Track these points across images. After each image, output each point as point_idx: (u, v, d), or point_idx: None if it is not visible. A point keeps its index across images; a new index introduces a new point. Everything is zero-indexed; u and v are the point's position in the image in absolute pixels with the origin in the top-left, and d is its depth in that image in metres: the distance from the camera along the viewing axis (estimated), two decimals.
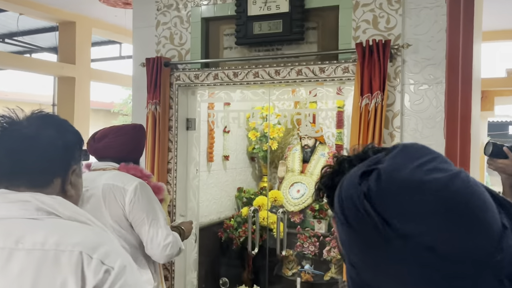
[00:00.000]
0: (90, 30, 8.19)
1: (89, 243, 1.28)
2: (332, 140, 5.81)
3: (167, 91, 4.17)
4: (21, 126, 1.39)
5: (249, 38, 3.92)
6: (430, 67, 3.48)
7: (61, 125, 1.47)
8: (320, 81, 3.74)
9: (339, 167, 1.18)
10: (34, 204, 1.33)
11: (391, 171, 0.88)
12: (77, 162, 1.49)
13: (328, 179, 1.19)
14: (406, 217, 0.82)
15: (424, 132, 3.50)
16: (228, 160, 5.64)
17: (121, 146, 2.67)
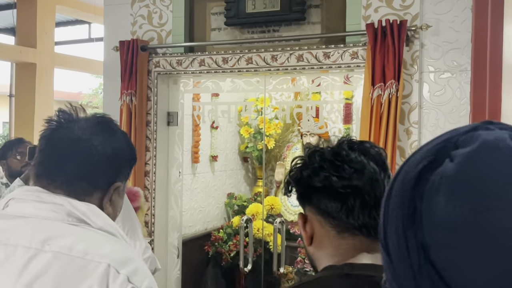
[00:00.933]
0: (54, 8, 8.17)
1: (118, 257, 1.35)
2: (339, 137, 5.83)
3: (144, 79, 4.16)
4: (76, 126, 1.47)
5: (241, 17, 3.92)
6: (453, 52, 3.49)
7: (118, 136, 1.53)
8: (325, 68, 3.74)
9: (309, 159, 1.27)
10: (66, 208, 1.40)
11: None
12: (123, 179, 1.55)
13: (297, 172, 1.28)
14: None
15: (446, 128, 3.48)
16: (217, 161, 5.64)
17: None
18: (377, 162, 1.28)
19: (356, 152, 1.27)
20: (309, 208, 1.28)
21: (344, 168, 1.24)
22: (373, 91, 3.46)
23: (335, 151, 1.27)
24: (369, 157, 1.27)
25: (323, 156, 1.26)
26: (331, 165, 1.24)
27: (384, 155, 1.32)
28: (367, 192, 1.23)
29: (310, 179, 1.25)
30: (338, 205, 1.23)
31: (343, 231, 1.25)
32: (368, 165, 1.25)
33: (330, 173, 1.23)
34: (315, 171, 1.25)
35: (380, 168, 1.27)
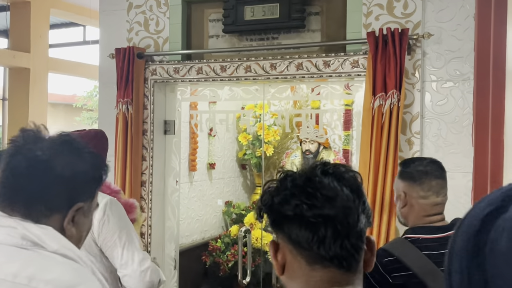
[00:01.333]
0: (48, 11, 8.16)
1: (64, 283, 1.32)
2: (339, 144, 5.82)
3: (141, 88, 4.14)
4: (38, 146, 1.44)
5: (240, 25, 3.90)
6: (455, 60, 3.48)
7: (82, 156, 1.49)
8: (325, 77, 3.73)
9: (281, 185, 1.23)
10: (20, 231, 1.37)
11: None
12: (87, 199, 1.51)
13: (268, 198, 1.24)
14: None
15: (448, 138, 3.50)
16: (214, 169, 5.62)
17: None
18: (352, 187, 1.23)
19: (329, 177, 1.22)
20: (281, 236, 1.23)
21: (316, 195, 1.19)
22: (374, 100, 3.44)
23: (307, 177, 1.23)
24: (343, 182, 1.23)
25: (295, 182, 1.22)
26: (302, 192, 1.20)
27: (360, 179, 1.27)
28: (339, 221, 1.18)
29: (281, 206, 1.21)
30: (309, 235, 1.18)
31: (314, 262, 1.20)
32: (341, 192, 1.21)
33: (301, 201, 1.19)
34: (286, 199, 1.21)
35: (354, 194, 1.22)
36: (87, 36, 10.41)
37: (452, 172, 3.50)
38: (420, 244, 2.21)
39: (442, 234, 2.24)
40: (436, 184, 2.31)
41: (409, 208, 2.32)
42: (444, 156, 3.49)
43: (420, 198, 2.29)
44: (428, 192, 2.28)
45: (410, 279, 2.16)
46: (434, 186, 2.30)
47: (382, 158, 3.42)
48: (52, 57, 8.70)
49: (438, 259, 2.16)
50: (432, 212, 2.30)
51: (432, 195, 2.29)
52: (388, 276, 2.19)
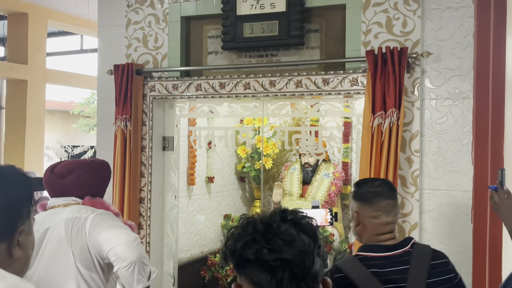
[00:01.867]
0: (46, 22, 8.19)
1: None
2: (338, 157, 5.85)
3: (139, 104, 4.17)
4: None
5: (239, 41, 3.93)
6: (455, 79, 3.52)
7: (6, 181, 1.52)
8: (324, 94, 3.77)
9: (243, 230, 1.35)
10: None
11: None
12: (25, 220, 1.54)
13: (232, 243, 1.35)
14: None
15: (448, 156, 3.53)
16: (213, 182, 5.65)
17: (88, 185, 2.77)
18: (308, 232, 1.34)
19: (288, 223, 1.34)
20: (243, 278, 1.34)
21: (275, 240, 1.30)
22: (373, 119, 3.47)
23: (267, 223, 1.34)
24: (300, 228, 1.34)
25: (256, 228, 1.33)
26: (262, 237, 1.31)
27: (315, 225, 1.38)
28: (296, 264, 1.29)
29: (243, 251, 1.31)
30: (268, 277, 1.29)
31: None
32: (298, 237, 1.32)
33: (261, 245, 1.30)
34: (247, 244, 1.32)
35: (310, 239, 1.33)
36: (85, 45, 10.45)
37: (452, 191, 3.54)
38: (367, 262, 2.31)
39: (389, 253, 2.34)
40: (386, 205, 2.42)
41: (362, 227, 2.44)
42: (443, 174, 3.53)
43: (371, 218, 2.40)
44: (379, 212, 2.40)
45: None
46: (384, 207, 2.41)
47: (382, 177, 3.44)
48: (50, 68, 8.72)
49: (383, 276, 2.28)
50: (383, 231, 2.40)
51: (383, 215, 2.40)
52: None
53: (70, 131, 16.75)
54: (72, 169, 2.75)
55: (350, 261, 2.38)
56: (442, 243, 3.46)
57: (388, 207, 2.43)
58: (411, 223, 3.53)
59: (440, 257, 2.42)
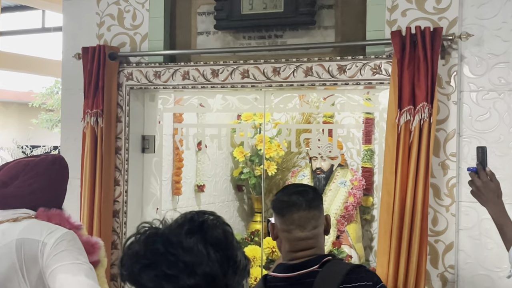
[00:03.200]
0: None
1: None
2: (358, 161, 5.86)
3: (113, 96, 4.19)
4: None
5: (235, 19, 3.95)
6: (500, 66, 3.53)
7: None
8: (339, 85, 3.77)
9: (140, 248, 1.39)
10: None
11: None
12: None
13: (128, 262, 1.40)
14: None
15: (491, 161, 3.48)
16: (204, 192, 5.66)
17: (35, 193, 2.69)
18: (220, 246, 1.39)
19: (195, 238, 1.37)
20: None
21: (178, 264, 1.34)
22: (400, 115, 3.48)
23: (168, 240, 1.37)
24: (210, 241, 1.38)
25: (154, 247, 1.37)
26: (163, 261, 1.35)
27: (230, 232, 1.45)
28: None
29: (140, 277, 1.37)
30: None
31: None
32: (207, 256, 1.36)
33: (161, 270, 1.34)
34: (144, 269, 1.36)
35: (222, 255, 1.38)
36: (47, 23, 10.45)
37: None
38: (269, 283, 2.47)
39: (290, 274, 2.44)
40: (299, 218, 2.50)
41: (279, 242, 2.55)
42: None
43: (284, 231, 2.50)
44: (291, 226, 2.48)
45: None
46: (297, 220, 2.49)
47: (410, 187, 3.46)
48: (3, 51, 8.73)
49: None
50: (297, 248, 2.49)
51: (295, 229, 2.48)
52: None
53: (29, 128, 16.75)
54: (17, 173, 2.68)
55: (259, 282, 2.55)
56: (484, 268, 3.48)
57: (301, 220, 2.49)
58: (446, 243, 3.55)
59: (355, 280, 2.44)
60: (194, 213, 1.45)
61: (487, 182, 2.79)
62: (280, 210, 2.52)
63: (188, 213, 1.44)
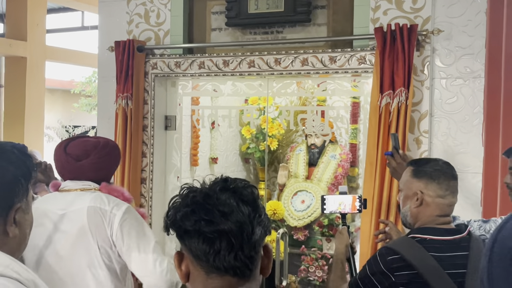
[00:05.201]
0: None
1: None
2: (346, 138, 5.84)
3: (141, 82, 4.18)
4: None
5: (243, 18, 3.93)
6: (466, 57, 3.51)
7: (2, 156, 1.54)
8: (331, 73, 3.76)
9: (182, 201, 1.39)
10: None
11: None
12: (22, 198, 1.56)
13: (172, 213, 1.40)
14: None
15: (458, 137, 3.53)
16: (217, 164, 5.66)
17: (105, 169, 2.79)
18: (248, 202, 1.39)
19: (227, 193, 1.38)
20: (183, 248, 1.40)
21: (213, 212, 1.35)
22: (381, 99, 3.47)
23: (206, 194, 1.38)
24: (240, 197, 1.38)
25: (195, 199, 1.38)
26: (201, 209, 1.36)
27: (256, 194, 1.43)
28: (234, 235, 1.35)
29: (182, 222, 1.36)
30: (206, 248, 1.35)
31: (211, 271, 1.37)
32: (237, 207, 1.37)
33: (200, 217, 1.35)
34: (186, 215, 1.36)
35: (250, 208, 1.38)
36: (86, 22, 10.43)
37: (462, 173, 3.53)
38: (427, 244, 2.27)
39: (449, 237, 2.31)
40: (453, 185, 2.39)
41: (423, 208, 2.37)
42: (453, 156, 3.52)
43: (438, 197, 2.35)
44: (446, 191, 2.36)
45: (414, 279, 2.24)
46: (451, 186, 2.38)
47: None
48: (50, 45, 8.73)
49: (444, 261, 2.23)
50: (446, 212, 2.37)
51: (449, 195, 2.37)
52: (390, 275, 2.25)
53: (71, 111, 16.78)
54: (88, 151, 2.74)
55: (407, 242, 2.33)
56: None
57: (454, 188, 2.40)
58: None
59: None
60: (228, 176, 1.46)
61: (401, 163, 2.86)
62: (437, 177, 2.37)
63: (223, 176, 1.45)
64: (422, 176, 2.38)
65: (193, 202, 1.37)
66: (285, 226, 5.45)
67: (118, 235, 2.62)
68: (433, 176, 2.37)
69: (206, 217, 1.34)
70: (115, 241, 2.63)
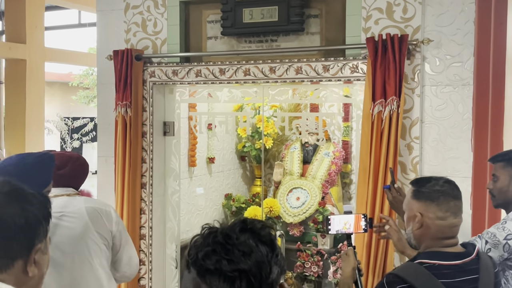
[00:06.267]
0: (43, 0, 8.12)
1: None
2: (338, 136, 5.86)
3: (139, 90, 4.17)
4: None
5: (238, 27, 3.92)
6: (455, 65, 3.52)
7: (25, 199, 1.56)
8: (324, 81, 3.77)
9: (204, 241, 1.42)
10: None
11: None
12: (42, 238, 1.58)
13: (194, 252, 1.42)
14: None
15: (447, 143, 3.55)
16: (214, 163, 5.67)
17: (79, 177, 3.04)
18: (266, 242, 1.42)
19: (246, 234, 1.42)
20: (204, 286, 1.41)
21: (234, 251, 1.38)
22: (373, 107, 3.49)
23: (226, 234, 1.41)
24: (259, 238, 1.42)
25: (216, 239, 1.40)
26: (222, 248, 1.39)
27: (273, 235, 1.47)
28: (253, 274, 1.37)
29: (204, 261, 1.39)
30: (227, 287, 1.37)
31: None
32: (256, 248, 1.40)
33: (221, 256, 1.38)
34: (208, 254, 1.39)
35: (268, 248, 1.41)
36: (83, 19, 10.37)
37: (451, 177, 3.48)
38: (436, 271, 2.14)
39: (458, 262, 2.19)
40: (454, 205, 2.24)
41: (424, 230, 2.24)
42: (443, 161, 3.55)
43: (438, 219, 2.21)
44: (447, 213, 2.21)
45: None
46: (452, 207, 2.23)
47: (382, 164, 3.47)
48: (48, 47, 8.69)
49: (451, 286, 2.12)
50: (449, 235, 2.23)
51: (450, 216, 2.21)
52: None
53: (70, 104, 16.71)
54: (66, 162, 2.96)
55: (414, 269, 2.19)
56: None
57: (456, 208, 2.24)
58: None
59: (496, 264, 2.35)
60: (246, 218, 1.49)
61: (396, 197, 2.90)
62: (436, 198, 2.22)
63: (239, 218, 1.49)
64: (421, 197, 2.26)
65: (214, 242, 1.40)
66: (281, 222, 5.49)
67: (116, 230, 2.94)
68: (432, 197, 2.23)
69: (227, 257, 1.37)
70: (114, 235, 2.95)
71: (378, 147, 3.50)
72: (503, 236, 2.73)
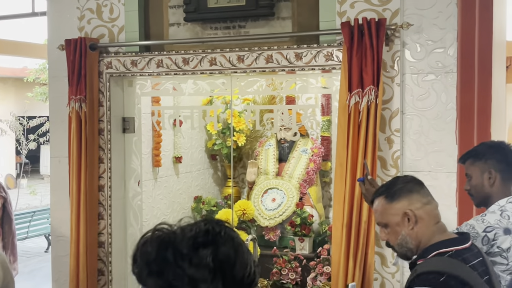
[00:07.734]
0: None
1: None
2: (317, 131, 5.88)
3: (95, 83, 4.15)
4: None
5: (203, 12, 3.92)
6: (437, 51, 3.55)
7: None
8: (297, 70, 3.78)
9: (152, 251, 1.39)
10: None
11: None
12: None
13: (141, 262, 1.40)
14: None
15: (430, 135, 3.58)
16: (181, 163, 5.66)
17: None
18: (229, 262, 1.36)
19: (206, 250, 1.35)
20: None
21: (183, 278, 1.34)
22: (350, 98, 3.51)
23: (179, 252, 1.36)
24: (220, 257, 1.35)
25: (166, 254, 1.36)
26: (170, 271, 1.35)
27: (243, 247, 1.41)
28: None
29: (147, 282, 1.39)
30: None
31: None
32: (212, 275, 1.33)
33: (167, 280, 1.35)
34: (152, 274, 1.38)
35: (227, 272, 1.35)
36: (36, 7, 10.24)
37: (435, 172, 3.61)
38: (460, 257, 2.22)
39: (467, 245, 2.29)
40: (426, 189, 2.40)
41: (420, 223, 2.32)
42: (426, 155, 3.59)
43: (425, 205, 2.33)
44: (428, 196, 2.37)
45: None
46: (426, 191, 2.39)
47: (360, 159, 3.50)
48: None
49: (476, 269, 2.22)
50: (439, 218, 2.36)
51: (432, 199, 2.37)
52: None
53: (25, 101, 16.58)
54: None
55: (447, 261, 2.24)
56: None
57: (429, 191, 2.40)
58: None
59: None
60: (210, 226, 1.40)
61: (369, 189, 2.98)
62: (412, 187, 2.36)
63: (204, 223, 1.41)
64: (399, 196, 2.36)
65: (162, 260, 1.36)
66: (255, 226, 5.50)
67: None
68: (408, 188, 2.36)
69: (174, 282, 1.34)
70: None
71: (355, 141, 3.52)
72: (482, 228, 2.79)
